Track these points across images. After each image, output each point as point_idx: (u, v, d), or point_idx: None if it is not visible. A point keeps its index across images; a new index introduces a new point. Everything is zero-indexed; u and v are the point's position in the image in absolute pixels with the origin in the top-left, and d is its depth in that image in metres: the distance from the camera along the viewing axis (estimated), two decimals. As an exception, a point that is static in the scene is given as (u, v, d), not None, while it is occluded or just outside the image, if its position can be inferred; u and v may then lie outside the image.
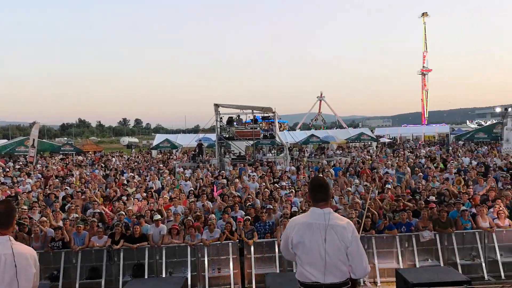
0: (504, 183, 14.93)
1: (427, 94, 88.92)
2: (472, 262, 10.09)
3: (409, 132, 58.02)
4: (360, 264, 3.67)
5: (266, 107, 24.35)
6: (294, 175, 18.29)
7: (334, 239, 3.65)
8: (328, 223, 3.68)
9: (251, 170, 19.44)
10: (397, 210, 11.09)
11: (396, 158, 24.87)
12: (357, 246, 3.68)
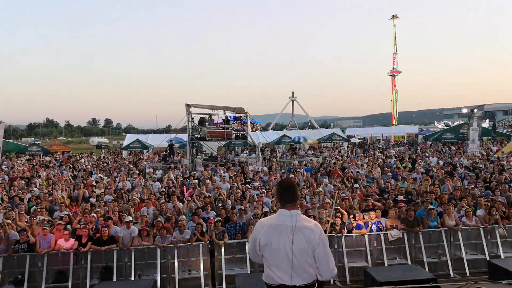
0: (470, 182, 15.33)
1: (397, 95, 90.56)
2: (438, 260, 10.31)
3: (380, 133, 58.96)
4: (327, 266, 3.67)
5: (238, 108, 24.32)
6: (266, 175, 18.31)
7: (302, 241, 3.63)
8: (296, 225, 3.67)
9: (223, 170, 19.38)
10: (366, 209, 11.23)
11: (366, 158, 25.22)
12: (324, 248, 3.68)
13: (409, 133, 55.74)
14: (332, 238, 10.18)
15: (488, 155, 24.60)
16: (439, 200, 12.11)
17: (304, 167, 20.92)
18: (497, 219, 10.58)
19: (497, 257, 9.99)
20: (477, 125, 27.56)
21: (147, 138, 41.41)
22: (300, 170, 19.12)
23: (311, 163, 23.09)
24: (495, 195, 12.50)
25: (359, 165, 20.57)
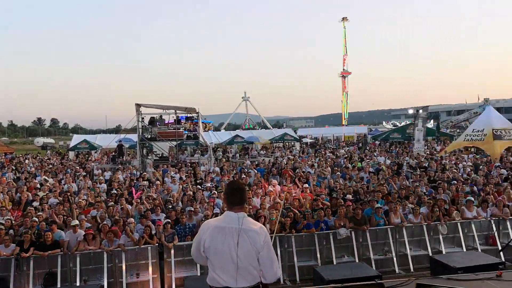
0: (414, 180, 15.87)
1: (347, 96, 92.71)
2: (384, 257, 10.60)
3: (330, 133, 60.17)
4: (271, 269, 3.69)
5: (190, 107, 24.10)
6: (218, 176, 18.23)
7: (246, 243, 3.63)
8: (241, 227, 3.66)
9: (174, 171, 19.13)
10: (316, 208, 11.40)
11: (317, 158, 25.63)
12: (268, 251, 3.69)
13: (358, 133, 57.18)
14: (282, 237, 10.26)
15: (432, 154, 25.60)
16: (386, 198, 12.46)
17: (256, 167, 21.00)
18: (439, 216, 11.01)
19: (439, 253, 10.40)
20: (422, 125, 28.63)
21: (95, 138, 40.24)
22: (251, 170, 19.17)
23: (263, 163, 23.22)
24: (438, 193, 13.00)
25: (310, 165, 20.87)
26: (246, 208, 11.29)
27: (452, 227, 11.00)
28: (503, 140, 22.86)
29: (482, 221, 11.22)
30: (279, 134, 42.06)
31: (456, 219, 11.12)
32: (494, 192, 13.04)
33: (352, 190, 13.84)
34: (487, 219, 11.25)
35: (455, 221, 11.05)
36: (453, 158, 22.61)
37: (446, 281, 6.28)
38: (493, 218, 11.25)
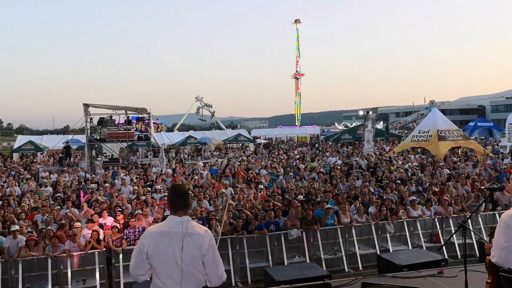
0: (364, 181, 16.23)
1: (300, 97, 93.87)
2: (334, 256, 10.79)
3: (284, 133, 60.65)
4: (216, 273, 3.67)
5: (141, 108, 23.63)
6: (169, 177, 17.97)
7: (191, 247, 3.60)
8: (186, 231, 3.61)
9: (124, 173, 18.69)
10: (267, 209, 11.44)
11: (270, 159, 25.77)
12: (213, 254, 3.67)
13: (311, 134, 58.01)
14: (234, 239, 10.24)
15: (382, 154, 26.30)
16: (336, 199, 12.67)
17: (209, 168, 20.86)
18: (387, 215, 11.32)
19: (386, 251, 10.68)
20: (372, 126, 29.33)
21: (41, 139, 38.65)
22: (204, 172, 19.03)
23: (216, 164, 23.10)
24: (386, 193, 13.36)
25: (264, 166, 20.95)
26: (198, 210, 11.24)
27: (399, 226, 11.33)
28: (447, 141, 23.78)
29: (426, 220, 11.63)
30: (233, 135, 41.99)
31: (402, 218, 11.46)
32: (438, 191, 13.56)
33: (303, 191, 13.98)
34: (431, 217, 11.67)
35: (401, 220, 11.39)
36: (401, 158, 23.34)
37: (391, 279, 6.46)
38: (437, 216, 11.69)
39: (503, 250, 3.93)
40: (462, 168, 18.88)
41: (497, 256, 3.98)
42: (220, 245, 10.18)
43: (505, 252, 3.91)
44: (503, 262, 3.95)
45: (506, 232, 3.92)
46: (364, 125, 30.08)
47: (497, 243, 4.00)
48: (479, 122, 43.92)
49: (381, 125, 54.72)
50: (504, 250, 3.92)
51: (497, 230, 4.04)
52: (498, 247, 3.97)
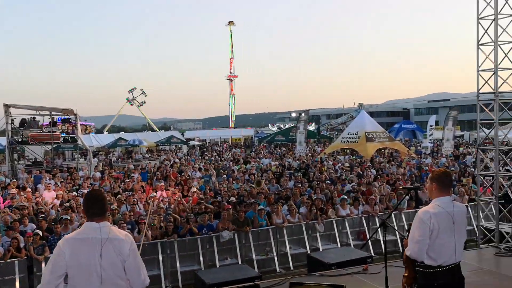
0: (296, 181, 16.51)
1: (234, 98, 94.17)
2: (266, 257, 10.86)
3: (218, 135, 60.52)
4: (138, 278, 3.57)
5: (67, 109, 22.60)
6: (97, 181, 17.32)
7: (111, 253, 3.46)
8: (105, 237, 3.47)
9: (49, 177, 17.78)
10: (199, 212, 11.33)
11: (203, 161, 25.59)
12: (135, 259, 3.56)
13: (245, 135, 58.28)
14: (164, 243, 10.04)
15: (313, 156, 26.95)
16: (267, 200, 12.78)
17: (140, 171, 20.35)
18: (317, 215, 11.57)
19: (316, 250, 10.93)
20: (304, 128, 29.95)
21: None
22: (135, 175, 18.52)
23: (148, 167, 22.58)
24: (316, 193, 13.66)
25: (196, 168, 20.75)
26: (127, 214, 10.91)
27: (328, 225, 11.62)
28: (374, 142, 24.76)
29: (354, 218, 12.02)
30: (166, 136, 41.28)
31: (332, 217, 11.78)
32: (366, 191, 14.08)
33: (236, 193, 13.98)
34: (359, 216, 12.09)
35: (330, 219, 11.70)
36: (331, 159, 24.03)
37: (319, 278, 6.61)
38: (364, 215, 12.13)
39: (417, 244, 4.14)
40: (387, 168, 19.75)
41: (411, 249, 4.19)
42: (150, 249, 9.99)
43: (419, 246, 4.12)
44: (417, 255, 4.17)
45: (421, 227, 4.13)
46: (296, 127, 30.64)
47: (412, 237, 4.21)
48: (404, 124, 46.11)
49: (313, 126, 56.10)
50: (418, 244, 4.13)
51: (413, 225, 4.26)
52: (413, 241, 4.18)
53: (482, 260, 7.93)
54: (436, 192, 4.27)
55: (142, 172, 19.64)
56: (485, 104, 9.76)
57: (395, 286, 5.21)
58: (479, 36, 9.36)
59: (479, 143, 10.57)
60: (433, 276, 4.11)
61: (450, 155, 25.24)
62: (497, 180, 9.72)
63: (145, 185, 16.31)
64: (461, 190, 13.44)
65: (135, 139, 35.62)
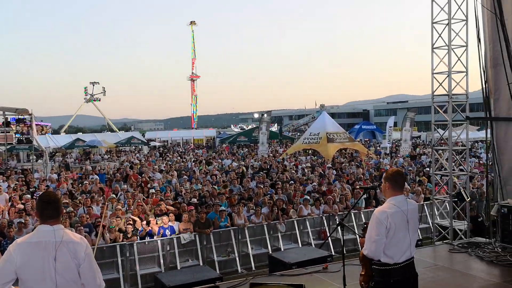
0: (258, 182, 16.55)
1: (196, 99, 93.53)
2: (228, 257, 10.85)
3: (180, 136, 59.91)
4: (93, 282, 3.48)
5: (21, 108, 21.77)
6: (54, 183, 16.83)
7: (66, 257, 3.36)
8: (60, 240, 3.37)
9: (2, 179, 17.11)
10: (160, 214, 11.18)
11: (164, 162, 25.29)
12: (90, 263, 3.47)
13: (207, 136, 57.98)
14: (124, 246, 9.85)
15: (275, 156, 27.10)
16: (229, 201, 12.76)
17: (99, 172, 19.91)
18: (278, 215, 11.64)
19: (278, 250, 10.99)
20: (266, 129, 30.07)
21: None
22: (93, 176, 18.10)
23: (106, 168, 22.11)
24: (278, 194, 13.73)
25: (157, 169, 20.49)
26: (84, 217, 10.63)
27: (290, 225, 11.71)
28: (335, 143, 25.11)
29: (315, 218, 12.16)
30: (126, 137, 40.52)
31: (293, 217, 11.87)
32: (327, 191, 14.27)
33: (197, 194, 13.89)
34: (320, 215, 12.24)
35: (292, 219, 11.79)
36: (293, 160, 24.24)
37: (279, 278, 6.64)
38: (324, 214, 12.29)
39: (374, 243, 4.21)
40: (347, 168, 20.10)
41: (368, 249, 4.27)
42: (109, 252, 9.78)
43: (376, 245, 4.20)
44: (373, 254, 4.25)
45: (378, 227, 4.21)
46: (259, 128, 30.74)
47: (369, 237, 4.28)
48: (364, 125, 47.08)
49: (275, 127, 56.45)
50: (375, 243, 4.21)
51: (370, 225, 4.33)
52: (370, 241, 4.26)
53: (437, 257, 8.18)
54: (390, 192, 4.37)
55: (100, 173, 19.21)
56: (440, 105, 10.08)
57: (353, 284, 5.30)
58: (434, 39, 9.67)
59: (434, 143, 10.89)
60: (389, 274, 4.20)
61: (407, 155, 25.95)
62: (451, 179, 10.06)
63: (104, 187, 15.95)
64: (418, 189, 13.85)
65: (93, 140, 34.80)
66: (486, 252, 7.99)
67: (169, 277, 7.87)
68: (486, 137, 9.60)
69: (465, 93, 9.70)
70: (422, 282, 4.77)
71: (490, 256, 7.78)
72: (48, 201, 3.49)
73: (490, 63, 9.11)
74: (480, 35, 9.00)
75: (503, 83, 8.65)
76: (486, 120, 9.55)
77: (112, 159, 29.87)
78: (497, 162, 9.11)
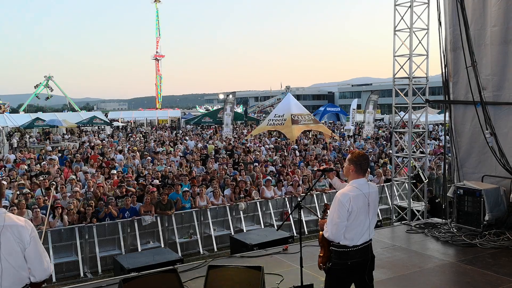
0: (221, 163, 16.47)
1: (161, 79, 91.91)
2: (189, 239, 10.80)
3: (144, 116, 58.86)
4: (40, 266, 3.36)
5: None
6: (9, 163, 16.27)
7: (10, 241, 3.22)
8: (1, 224, 3.21)
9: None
10: (120, 195, 10.98)
11: (127, 143, 24.84)
12: (36, 246, 3.34)
13: (172, 117, 57.18)
14: (83, 228, 9.66)
15: (240, 137, 27.03)
16: (192, 182, 12.64)
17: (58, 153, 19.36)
18: (240, 196, 11.62)
19: (241, 231, 11.01)
20: (231, 110, 29.87)
21: None
22: (53, 157, 17.57)
23: (67, 148, 21.53)
24: (241, 175, 13.71)
25: (119, 150, 20.09)
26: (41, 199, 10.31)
27: (252, 206, 11.72)
28: (299, 124, 25.19)
29: (278, 199, 12.22)
30: (88, 117, 39.51)
31: (255, 198, 11.88)
32: (290, 172, 14.34)
33: (160, 175, 13.70)
34: (282, 197, 12.30)
35: (254, 200, 11.80)
36: (257, 141, 24.24)
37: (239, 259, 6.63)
38: (287, 196, 12.36)
39: (335, 226, 4.19)
40: (311, 150, 20.26)
41: (329, 231, 4.24)
42: (68, 234, 9.56)
43: (337, 227, 4.18)
44: (334, 237, 4.23)
45: (339, 210, 4.17)
46: (223, 109, 30.51)
47: (331, 219, 4.25)
48: (328, 107, 47.36)
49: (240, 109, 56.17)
50: (336, 226, 4.18)
51: (332, 207, 4.30)
52: (331, 223, 4.23)
53: (395, 237, 8.36)
54: (353, 174, 4.33)
55: (60, 154, 18.67)
56: (401, 88, 10.22)
57: (311, 265, 5.35)
58: (396, 22, 9.73)
59: (395, 126, 11.07)
60: (347, 256, 4.21)
61: (368, 137, 26.38)
62: (409, 161, 10.27)
63: (64, 168, 15.53)
64: (378, 171, 14.09)
65: (53, 120, 33.72)
66: (442, 233, 8.20)
67: (128, 259, 7.74)
68: (444, 120, 9.81)
69: (426, 76, 9.86)
70: (379, 262, 4.84)
71: (446, 236, 8.00)
72: None
73: (450, 47, 9.25)
74: (441, 18, 9.11)
75: (462, 67, 8.81)
76: (445, 103, 9.74)
77: (73, 139, 29.09)
78: (454, 145, 9.34)
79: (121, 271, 7.43)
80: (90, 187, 11.97)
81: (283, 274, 6.23)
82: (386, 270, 6.40)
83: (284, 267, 6.49)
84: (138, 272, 6.66)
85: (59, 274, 9.24)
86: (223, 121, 30.03)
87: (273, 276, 6.14)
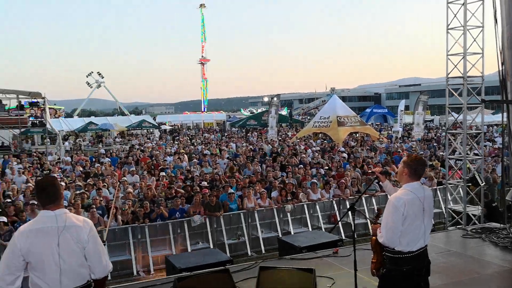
0: (268, 166, 16.51)
1: (206, 83, 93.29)
2: (237, 241, 10.88)
3: (190, 120, 59.97)
4: (99, 263, 3.50)
5: (34, 92, 21.96)
6: (68, 165, 16.98)
7: (69, 241, 3.37)
8: (62, 225, 3.36)
9: (16, 162, 17.30)
10: (170, 197, 11.22)
11: (175, 146, 25.35)
12: (95, 245, 3.48)
13: (217, 120, 57.91)
14: (135, 228, 9.95)
15: (285, 140, 26.99)
16: (239, 184, 12.73)
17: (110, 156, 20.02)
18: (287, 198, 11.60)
19: (288, 234, 10.99)
20: (275, 112, 29.89)
21: None
22: (105, 160, 18.20)
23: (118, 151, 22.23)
24: (288, 177, 13.69)
25: (168, 153, 20.54)
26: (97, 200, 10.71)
27: (299, 209, 11.68)
28: (345, 126, 24.89)
29: (325, 202, 12.11)
30: (137, 121, 40.65)
31: (303, 201, 11.83)
32: (337, 175, 14.18)
33: (208, 177, 13.90)
34: (330, 199, 12.18)
35: (301, 203, 11.75)
36: (303, 144, 24.13)
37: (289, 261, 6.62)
38: (335, 198, 12.23)
39: (390, 231, 4.07)
40: (359, 152, 19.95)
41: (384, 236, 4.13)
42: (121, 234, 9.87)
43: (392, 232, 4.06)
44: (389, 242, 4.11)
45: (394, 214, 4.06)
46: (268, 111, 30.55)
47: (385, 224, 4.14)
48: (375, 108, 46.56)
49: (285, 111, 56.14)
50: (391, 230, 4.06)
51: (386, 211, 4.19)
52: (386, 228, 4.12)
53: (450, 242, 8.09)
54: (406, 178, 4.21)
55: (112, 156, 19.30)
56: (454, 88, 9.90)
57: (364, 268, 5.26)
58: (449, 20, 9.45)
59: (448, 127, 10.73)
60: (402, 262, 4.09)
61: (419, 139, 25.69)
62: (465, 164, 9.92)
63: (116, 170, 16.04)
64: (430, 174, 13.69)
65: (105, 123, 34.96)
66: (500, 238, 7.86)
67: (179, 259, 7.87)
68: (502, 120, 9.40)
69: (481, 76, 9.51)
70: (434, 267, 4.70)
71: (505, 241, 7.66)
72: (42, 188, 3.47)
73: (507, 44, 8.86)
74: (497, 15, 8.76)
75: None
76: (502, 103, 9.35)
77: (123, 142, 30.01)
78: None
79: (173, 270, 7.57)
80: (141, 188, 12.33)
81: (334, 277, 6.16)
82: (442, 275, 6.22)
83: (335, 270, 6.42)
84: (189, 272, 6.79)
85: (113, 272, 9.51)
86: (268, 123, 30.06)
87: (324, 279, 6.09)
